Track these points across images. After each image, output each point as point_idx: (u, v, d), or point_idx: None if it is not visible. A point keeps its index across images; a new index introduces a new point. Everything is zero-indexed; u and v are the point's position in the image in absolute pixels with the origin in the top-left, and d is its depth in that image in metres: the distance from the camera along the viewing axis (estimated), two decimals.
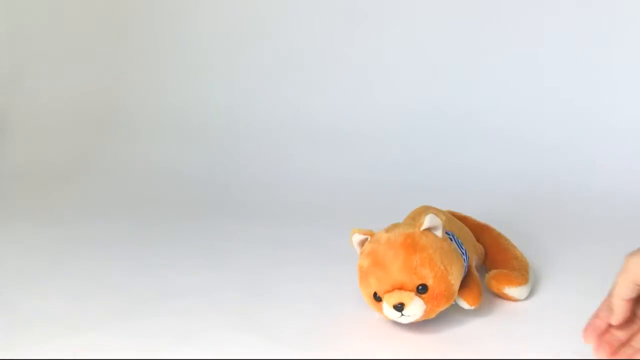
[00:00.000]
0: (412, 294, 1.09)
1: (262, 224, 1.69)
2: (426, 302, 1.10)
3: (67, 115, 2.31)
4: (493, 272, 1.26)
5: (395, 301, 1.09)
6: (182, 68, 2.28)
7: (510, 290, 1.22)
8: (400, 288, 1.10)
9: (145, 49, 2.30)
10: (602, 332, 0.97)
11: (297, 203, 1.84)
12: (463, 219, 1.40)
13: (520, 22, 1.97)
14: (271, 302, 1.26)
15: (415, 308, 1.09)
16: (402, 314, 1.09)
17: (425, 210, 1.30)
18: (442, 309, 1.13)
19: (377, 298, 1.12)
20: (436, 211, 1.26)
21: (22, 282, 1.37)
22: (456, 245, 1.18)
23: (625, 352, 0.96)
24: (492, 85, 2.00)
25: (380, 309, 1.12)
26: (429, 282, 1.10)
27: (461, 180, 1.87)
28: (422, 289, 1.10)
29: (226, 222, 1.71)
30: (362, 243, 1.20)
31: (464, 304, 1.16)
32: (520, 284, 1.23)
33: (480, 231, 1.39)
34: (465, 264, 1.18)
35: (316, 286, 1.33)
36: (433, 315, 1.13)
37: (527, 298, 1.24)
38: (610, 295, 0.97)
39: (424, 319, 1.12)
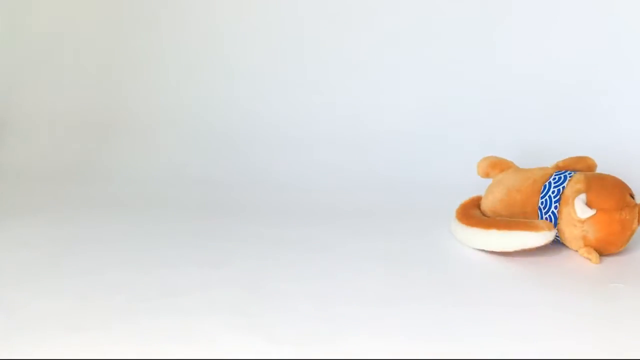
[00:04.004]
0: None
1: (262, 224, 1.69)
2: None
3: (67, 116, 2.31)
4: None
5: None
6: (182, 69, 2.28)
7: None
8: None
9: (146, 50, 2.30)
10: None
11: (298, 203, 1.84)
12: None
13: (520, 20, 1.97)
14: (271, 302, 1.26)
15: None
16: None
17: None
18: None
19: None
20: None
21: (22, 282, 1.37)
22: None
23: None
24: (492, 84, 2.00)
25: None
26: None
27: (461, 179, 1.87)
28: None
29: (226, 222, 1.71)
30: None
31: None
32: None
33: None
34: None
35: (316, 286, 1.33)
36: None
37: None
38: None
39: None
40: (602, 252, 1.44)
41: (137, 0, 2.29)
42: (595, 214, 1.40)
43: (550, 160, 1.66)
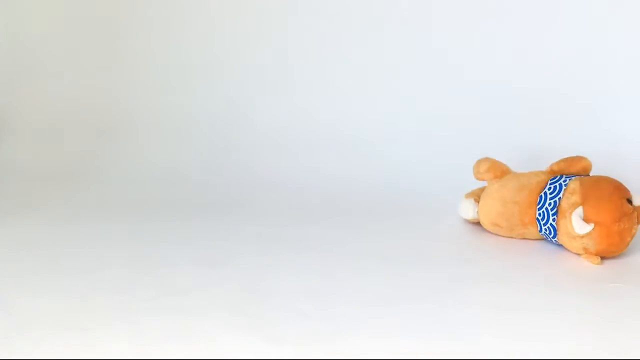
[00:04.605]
0: None
1: (261, 224, 1.69)
2: None
3: (67, 117, 2.31)
4: None
5: None
6: (182, 69, 2.28)
7: None
8: None
9: (145, 50, 2.30)
10: None
11: (298, 203, 1.84)
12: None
13: (518, 20, 1.97)
14: (271, 302, 1.26)
15: None
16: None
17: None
18: None
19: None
20: None
21: (22, 282, 1.37)
22: None
23: None
24: (492, 84, 2.00)
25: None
26: None
27: (461, 179, 1.87)
28: None
29: (226, 222, 1.71)
30: None
31: None
32: None
33: None
34: None
35: (316, 286, 1.33)
36: None
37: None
38: None
39: None
40: (605, 256, 1.44)
41: (137, 1, 2.28)
42: (593, 228, 1.40)
43: (548, 161, 1.66)
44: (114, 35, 2.31)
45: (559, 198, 1.47)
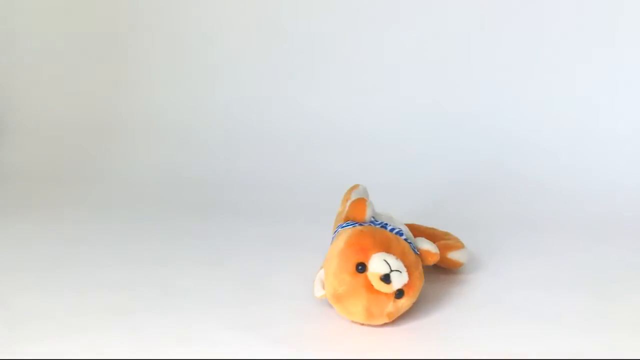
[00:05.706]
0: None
1: (261, 224, 1.69)
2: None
3: (67, 117, 2.31)
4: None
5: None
6: (181, 70, 2.28)
7: (453, 254, 1.33)
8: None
9: (145, 50, 2.30)
10: None
11: (297, 203, 1.84)
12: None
13: (520, 21, 1.98)
14: (271, 302, 1.26)
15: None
16: (392, 270, 1.11)
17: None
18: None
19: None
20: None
21: (22, 281, 1.37)
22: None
23: None
24: (491, 85, 2.00)
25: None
26: None
27: (460, 179, 1.87)
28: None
29: (225, 222, 1.71)
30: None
31: None
32: (459, 247, 1.35)
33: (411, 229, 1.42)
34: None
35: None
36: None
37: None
38: None
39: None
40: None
41: (137, 1, 2.28)
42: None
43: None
44: (115, 35, 2.31)
45: None
